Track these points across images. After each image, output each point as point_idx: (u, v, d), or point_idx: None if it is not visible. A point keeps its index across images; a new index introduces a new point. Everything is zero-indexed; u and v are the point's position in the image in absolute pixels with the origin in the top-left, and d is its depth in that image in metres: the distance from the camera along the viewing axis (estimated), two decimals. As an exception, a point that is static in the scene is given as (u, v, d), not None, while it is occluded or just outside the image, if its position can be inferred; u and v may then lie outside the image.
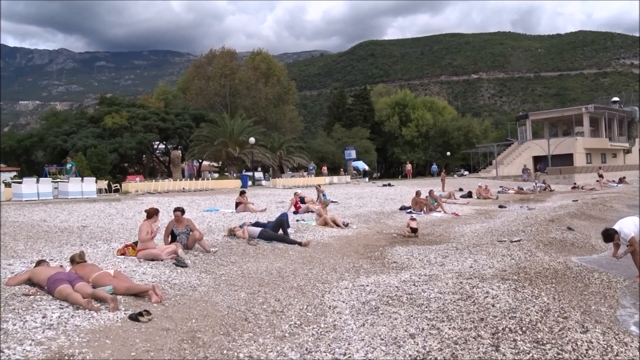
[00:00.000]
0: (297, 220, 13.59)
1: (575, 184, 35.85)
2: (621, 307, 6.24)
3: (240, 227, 10.62)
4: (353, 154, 49.44)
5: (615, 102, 62.55)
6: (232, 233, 10.29)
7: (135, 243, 8.21)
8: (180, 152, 38.35)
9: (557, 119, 60.97)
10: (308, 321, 5.43)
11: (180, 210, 9.17)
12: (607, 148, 54.67)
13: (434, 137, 66.05)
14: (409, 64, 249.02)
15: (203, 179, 31.18)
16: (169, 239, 8.80)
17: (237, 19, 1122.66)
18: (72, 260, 6.44)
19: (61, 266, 6.45)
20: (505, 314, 4.96)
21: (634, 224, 7.59)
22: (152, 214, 8.26)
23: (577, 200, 22.16)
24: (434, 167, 50.28)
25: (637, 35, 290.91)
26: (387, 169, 72.88)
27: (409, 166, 52.41)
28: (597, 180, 35.94)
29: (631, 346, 4.54)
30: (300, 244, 10.12)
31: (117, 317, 5.01)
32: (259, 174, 40.49)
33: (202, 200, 20.17)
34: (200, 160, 43.66)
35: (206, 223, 12.83)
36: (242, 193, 16.95)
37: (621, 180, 38.71)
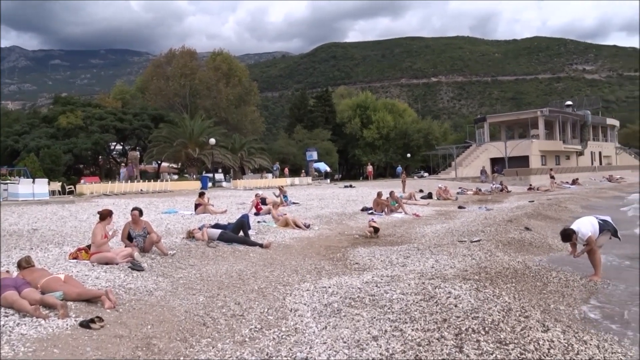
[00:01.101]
0: (258, 222, 13.40)
1: (531, 185, 36.77)
2: (580, 305, 6.33)
3: (200, 229, 10.38)
4: (314, 155, 49.40)
5: (568, 106, 64.70)
6: (191, 235, 10.03)
7: (89, 246, 7.88)
8: (138, 153, 37.48)
9: (514, 122, 62.53)
10: (269, 325, 5.29)
11: (137, 210, 8.88)
12: (561, 150, 56.39)
13: (394, 139, 66.73)
14: (370, 67, 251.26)
15: (162, 181, 30.52)
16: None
17: (198, 20, 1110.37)
18: (19, 265, 6.11)
19: (7, 271, 6.10)
20: (468, 314, 4.93)
21: (591, 224, 7.75)
22: (105, 215, 7.94)
23: (533, 201, 22.69)
24: (399, 168, 50.82)
25: (589, 42, 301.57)
26: (348, 170, 73.19)
27: (370, 168, 52.76)
28: (553, 183, 36.98)
29: (590, 344, 4.59)
30: (261, 245, 9.94)
31: (67, 324, 4.76)
32: (219, 176, 39.97)
33: (160, 202, 19.69)
34: (159, 162, 42.79)
35: (164, 225, 12.50)
36: (202, 194, 16.64)
37: (574, 182, 40.00)
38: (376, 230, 12.14)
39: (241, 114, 55.42)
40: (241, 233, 10.48)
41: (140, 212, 8.90)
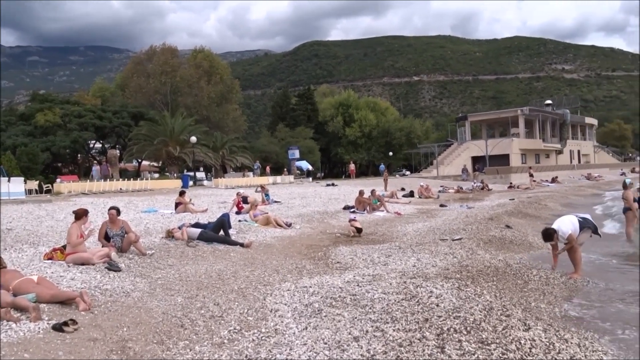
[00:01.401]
0: (240, 221, 13.27)
1: (511, 183, 37.14)
2: (561, 303, 6.34)
3: (179, 228, 10.23)
4: (297, 153, 49.28)
5: (548, 105, 65.50)
6: (170, 235, 9.89)
7: (64, 246, 7.69)
8: (117, 151, 37.03)
9: (495, 121, 63.13)
10: (248, 326, 5.19)
11: (115, 209, 8.71)
12: (541, 149, 57.08)
13: (376, 137, 66.91)
14: (352, 65, 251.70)
15: (142, 179, 30.14)
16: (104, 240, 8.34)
17: (180, 17, 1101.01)
18: (-10, 267, 5.91)
19: (-23, 273, 5.90)
20: (450, 313, 4.89)
21: (571, 223, 7.80)
22: (80, 215, 7.75)
23: (513, 199, 22.88)
24: (382, 167, 51.06)
25: (568, 42, 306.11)
26: (330, 168, 73.20)
27: (352, 166, 52.78)
28: (532, 181, 37.36)
29: (571, 342, 4.57)
30: (241, 245, 9.83)
31: (39, 327, 4.61)
32: (201, 174, 39.64)
33: (140, 201, 19.41)
34: (139, 160, 42.28)
35: (144, 224, 12.30)
36: (182, 193, 16.42)
37: (554, 180, 40.46)
38: (359, 230, 12.09)
39: (223, 112, 55.06)
40: (222, 232, 10.35)
41: (118, 211, 8.73)
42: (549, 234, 7.70)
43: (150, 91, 51.75)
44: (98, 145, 43.56)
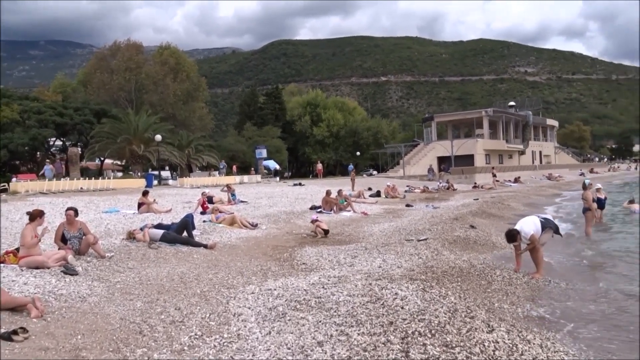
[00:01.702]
0: (204, 221, 13.04)
1: (475, 183, 37.72)
2: (523, 303, 6.40)
3: (141, 229, 9.97)
4: (264, 153, 48.96)
5: (511, 106, 66.93)
6: (131, 236, 9.62)
7: (18, 249, 7.36)
8: (79, 149, 36.06)
9: (460, 122, 64.11)
10: (210, 331, 5.04)
11: (73, 210, 8.40)
12: (504, 149, 58.22)
13: (344, 137, 67.12)
14: (320, 65, 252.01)
15: (105, 178, 29.40)
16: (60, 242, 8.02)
17: (145, 12, 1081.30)
18: None
19: None
20: (415, 316, 4.86)
21: (533, 224, 7.91)
22: (35, 216, 7.43)
23: (477, 199, 23.21)
24: (350, 166, 51.28)
25: (530, 45, 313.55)
26: (298, 168, 73.08)
27: (319, 165, 52.75)
28: (495, 181, 38.04)
29: (534, 343, 4.60)
30: (205, 246, 9.64)
31: (-14, 336, 4.36)
32: (166, 173, 38.97)
33: (101, 200, 18.90)
34: (102, 158, 41.29)
35: (104, 225, 11.96)
36: (145, 193, 16.07)
37: (516, 180, 41.30)
38: (326, 231, 12.01)
39: (189, 110, 54.28)
40: (185, 233, 10.13)
41: (76, 212, 8.42)
42: (512, 235, 7.79)
43: (114, 88, 50.56)
44: (59, 142, 42.31)
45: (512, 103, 69.99)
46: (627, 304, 6.51)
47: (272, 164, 51.90)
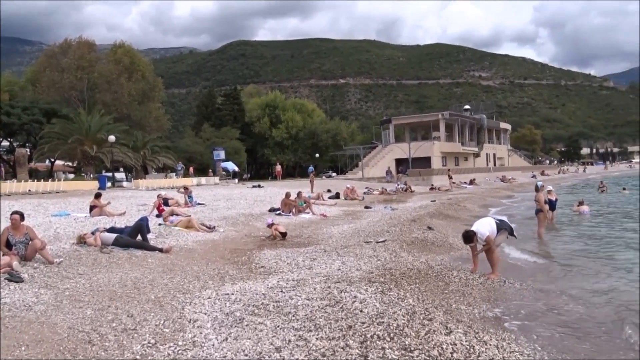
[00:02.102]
0: (159, 224, 12.71)
1: (432, 185, 38.34)
2: (480, 304, 6.48)
3: (93, 233, 9.61)
4: (222, 154, 48.40)
5: (467, 110, 68.46)
6: (82, 240, 9.25)
7: (-42, 255, 6.96)
8: (27, 150, 34.66)
9: (417, 124, 65.09)
10: (164, 339, 4.87)
11: (18, 214, 8.00)
12: (460, 152, 59.46)
13: (303, 139, 67.10)
14: (279, 66, 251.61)
15: (55, 180, 28.38)
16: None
17: (98, 9, 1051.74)
18: None
19: None
20: (374, 319, 4.83)
21: (489, 225, 8.05)
22: (-23, 221, 7.05)
23: (434, 201, 23.58)
24: (310, 168, 51.33)
25: (484, 50, 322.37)
26: (257, 170, 72.62)
27: (278, 167, 52.57)
28: (451, 183, 38.78)
29: (490, 344, 4.64)
30: (160, 250, 9.37)
31: None
32: (120, 175, 37.98)
33: (51, 203, 18.19)
34: (52, 160, 39.87)
35: (53, 229, 11.47)
36: (98, 195, 15.54)
37: (472, 182, 42.24)
38: (284, 234, 11.90)
39: (145, 111, 53.04)
40: (139, 237, 9.82)
41: (22, 216, 8.03)
42: (469, 237, 7.89)
43: (65, 87, 48.88)
44: (5, 143, 40.60)
45: (467, 107, 71.58)
46: (578, 304, 6.68)
47: (231, 166, 51.36)
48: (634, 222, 15.65)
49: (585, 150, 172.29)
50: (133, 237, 9.70)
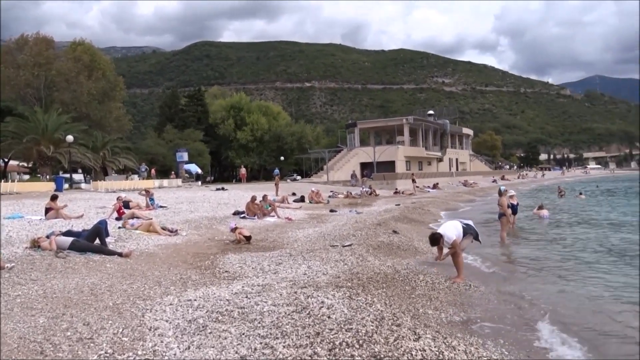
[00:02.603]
0: (119, 228, 12.32)
1: (397, 189, 38.66)
2: (446, 308, 6.45)
3: (48, 236, 9.21)
4: (185, 156, 47.64)
5: (430, 115, 69.46)
6: (36, 244, 8.85)
7: None
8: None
9: (382, 129, 65.62)
10: (123, 348, 4.63)
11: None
12: (424, 156, 60.20)
13: (268, 141, 66.75)
14: (244, 68, 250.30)
15: (8, 181, 27.30)
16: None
17: (57, 5, 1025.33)
18: None
19: None
20: (342, 326, 4.71)
21: (455, 228, 8.07)
22: None
23: (399, 205, 23.71)
24: (276, 171, 51.09)
25: (447, 57, 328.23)
26: (221, 172, 71.85)
27: (243, 170, 52.14)
28: (415, 187, 39.19)
29: (459, 350, 4.59)
30: (120, 254, 9.05)
31: None
32: (78, 176, 36.90)
33: (3, 205, 17.41)
34: (5, 160, 38.40)
35: (5, 233, 10.96)
36: (54, 197, 14.96)
37: (435, 186, 42.78)
38: (248, 238, 11.68)
39: (105, 111, 51.69)
40: (97, 241, 9.47)
41: (-29, 219, 7.62)
42: (435, 239, 7.90)
43: (21, 84, 47.13)
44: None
45: (431, 112, 72.64)
46: (541, 307, 6.74)
47: (194, 168, 50.61)
48: (590, 227, 16.11)
49: (543, 156, 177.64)
50: (91, 241, 9.34)
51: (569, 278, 8.56)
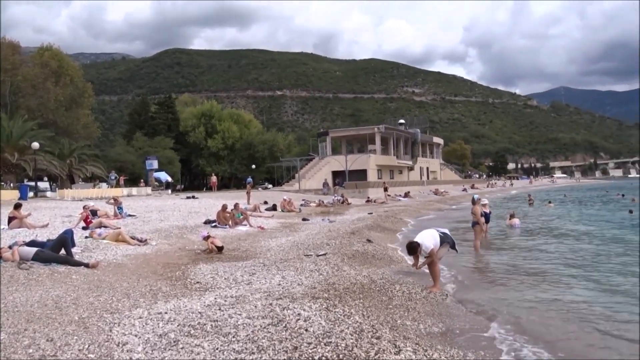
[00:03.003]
0: (86, 237, 11.92)
1: (369, 197, 38.70)
2: (424, 318, 6.36)
3: (10, 247, 8.81)
4: (155, 164, 46.86)
5: (401, 124, 70.02)
6: (-3, 255, 8.44)
7: None
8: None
9: (353, 137, 65.82)
10: (89, 366, 4.39)
11: None
12: (395, 165, 60.57)
13: (239, 149, 66.26)
14: (216, 76, 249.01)
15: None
16: None
17: (24, 10, 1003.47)
18: None
19: None
20: (320, 339, 4.56)
21: (433, 237, 8.01)
22: None
23: (372, 213, 23.69)
24: (249, 179, 50.61)
25: (418, 67, 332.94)
26: (191, 180, 70.97)
27: (214, 178, 51.53)
28: (387, 195, 39.30)
29: (439, 362, 4.50)
30: (87, 265, 8.71)
31: None
32: (44, 184, 35.86)
33: (-36, 214, 16.75)
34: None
35: (-35, 243, 10.47)
36: (18, 206, 14.43)
37: (406, 195, 42.99)
38: (220, 248, 11.42)
39: (72, 117, 50.51)
40: (63, 251, 9.11)
41: None
42: (413, 247, 7.84)
43: (-15, 90, 45.79)
44: None
45: (402, 121, 73.24)
46: (519, 315, 6.72)
47: (164, 176, 49.79)
48: (559, 237, 16.36)
49: (511, 165, 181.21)
50: (56, 252, 8.98)
51: (540, 287, 8.57)
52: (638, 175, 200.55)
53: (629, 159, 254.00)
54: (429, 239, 7.96)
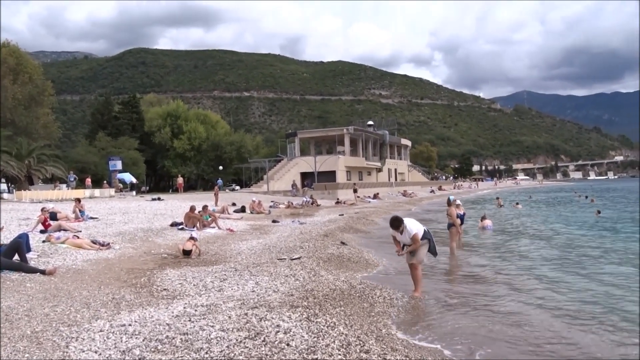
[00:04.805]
0: (43, 242, 11.17)
1: (338, 199, 38.41)
2: (409, 327, 6.01)
3: (-43, 253, 8.06)
4: (119, 165, 45.47)
5: (370, 125, 70.01)
6: (-59, 262, 7.71)
7: None
8: None
9: (322, 138, 65.50)
10: (41, 389, 3.85)
11: None
12: (364, 167, 60.48)
13: (206, 150, 65.11)
14: (181, 76, 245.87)
15: None
16: None
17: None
18: None
19: None
20: (305, 355, 4.13)
21: (417, 225, 7.74)
22: None
23: (343, 215, 23.36)
24: (219, 181, 49.44)
25: (384, 70, 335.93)
26: (156, 182, 69.41)
27: (180, 180, 50.39)
28: (356, 197, 39.12)
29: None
30: (43, 272, 8.04)
31: None
32: (2, 186, 34.33)
33: None
34: None
35: None
36: (-31, 208, 13.53)
37: (375, 196, 42.90)
38: (186, 252, 10.81)
39: (32, 117, 48.56)
40: (17, 257, 8.41)
41: None
42: (397, 221, 7.58)
43: (-64, 87, 43.60)
44: None
45: (370, 122, 73.26)
46: (506, 320, 6.44)
47: (128, 177, 48.37)
48: (531, 238, 16.34)
49: (475, 167, 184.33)
50: (9, 257, 8.27)
51: (523, 290, 8.34)
52: (597, 178, 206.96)
53: (588, 161, 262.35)
54: (415, 224, 7.66)
